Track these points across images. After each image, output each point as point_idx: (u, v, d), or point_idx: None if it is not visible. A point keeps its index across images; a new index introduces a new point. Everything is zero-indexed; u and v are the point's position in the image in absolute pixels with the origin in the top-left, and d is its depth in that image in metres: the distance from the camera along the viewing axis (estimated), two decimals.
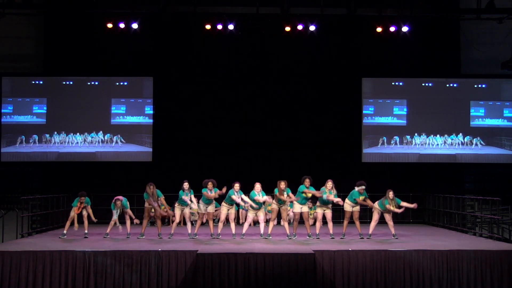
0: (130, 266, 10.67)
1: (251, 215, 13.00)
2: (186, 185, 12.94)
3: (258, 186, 12.81)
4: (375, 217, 13.05)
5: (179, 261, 10.68)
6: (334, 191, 12.85)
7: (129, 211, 13.29)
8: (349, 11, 17.00)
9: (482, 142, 18.24)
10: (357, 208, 13.04)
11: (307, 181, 12.81)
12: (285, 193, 12.74)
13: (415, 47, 18.28)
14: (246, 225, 13.13)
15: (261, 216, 13.05)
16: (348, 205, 13.08)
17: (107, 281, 10.63)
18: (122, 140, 18.16)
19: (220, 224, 13.12)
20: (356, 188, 12.95)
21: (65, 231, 13.30)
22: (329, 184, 12.83)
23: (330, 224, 13.03)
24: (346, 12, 17.06)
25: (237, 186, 12.83)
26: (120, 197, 13.19)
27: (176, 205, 13.23)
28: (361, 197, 12.93)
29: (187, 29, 18.09)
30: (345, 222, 13.19)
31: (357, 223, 13.10)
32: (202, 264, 10.47)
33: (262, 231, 13.03)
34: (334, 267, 10.70)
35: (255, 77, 18.51)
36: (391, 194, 12.86)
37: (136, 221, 13.16)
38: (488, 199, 14.64)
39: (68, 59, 18.39)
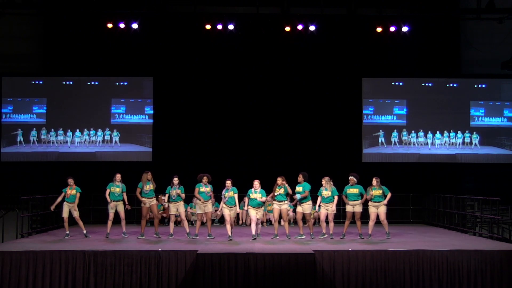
0: (130, 266, 10.67)
1: (252, 214, 12.82)
2: (175, 180, 12.97)
3: (256, 183, 12.69)
4: (372, 216, 13.05)
5: (179, 261, 10.69)
6: (330, 187, 12.89)
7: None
8: (349, 11, 16.99)
9: (477, 142, 18.30)
10: (358, 208, 13.02)
11: (299, 177, 12.86)
12: (279, 189, 12.69)
13: (415, 47, 18.28)
14: (253, 226, 12.87)
15: (259, 216, 12.88)
16: (348, 206, 13.09)
17: (107, 281, 10.63)
18: (117, 140, 18.23)
19: (228, 226, 12.74)
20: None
21: (67, 231, 13.26)
22: (323, 181, 12.93)
23: (331, 225, 13.02)
24: (346, 12, 17.06)
25: (228, 183, 12.76)
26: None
27: (171, 203, 13.17)
28: (353, 189, 12.97)
29: (187, 29, 18.09)
30: (346, 223, 13.17)
31: (358, 223, 13.09)
32: (202, 264, 10.47)
33: (253, 232, 12.74)
34: (334, 267, 10.70)
35: (255, 77, 18.51)
36: (374, 181, 12.98)
37: (128, 206, 13.27)
38: (488, 199, 14.63)
39: (68, 59, 18.39)
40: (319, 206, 12.99)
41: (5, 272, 10.55)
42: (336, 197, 12.88)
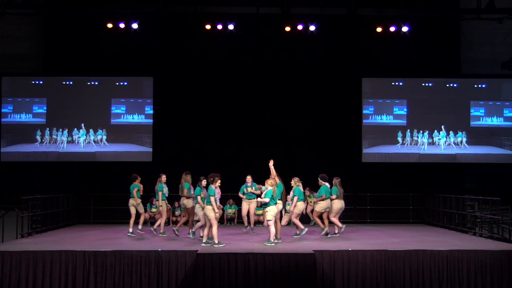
0: (130, 266, 10.67)
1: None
2: (204, 181, 12.52)
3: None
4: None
5: (179, 261, 10.68)
6: (295, 187, 12.99)
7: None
8: (349, 11, 16.98)
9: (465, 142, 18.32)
10: (317, 207, 13.04)
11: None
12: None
13: (415, 47, 18.27)
14: (276, 226, 12.50)
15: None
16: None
17: (107, 281, 10.63)
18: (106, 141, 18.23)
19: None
20: None
21: (140, 226, 13.34)
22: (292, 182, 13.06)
23: (296, 224, 13.16)
24: (346, 12, 17.05)
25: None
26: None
27: (197, 205, 12.83)
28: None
29: (187, 29, 18.08)
30: (328, 221, 13.22)
31: (317, 220, 13.13)
32: (202, 264, 10.47)
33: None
34: (334, 267, 10.70)
35: (255, 77, 18.51)
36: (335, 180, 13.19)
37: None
38: (488, 199, 14.63)
39: (68, 59, 18.39)
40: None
41: (5, 272, 10.54)
42: (295, 198, 12.87)
